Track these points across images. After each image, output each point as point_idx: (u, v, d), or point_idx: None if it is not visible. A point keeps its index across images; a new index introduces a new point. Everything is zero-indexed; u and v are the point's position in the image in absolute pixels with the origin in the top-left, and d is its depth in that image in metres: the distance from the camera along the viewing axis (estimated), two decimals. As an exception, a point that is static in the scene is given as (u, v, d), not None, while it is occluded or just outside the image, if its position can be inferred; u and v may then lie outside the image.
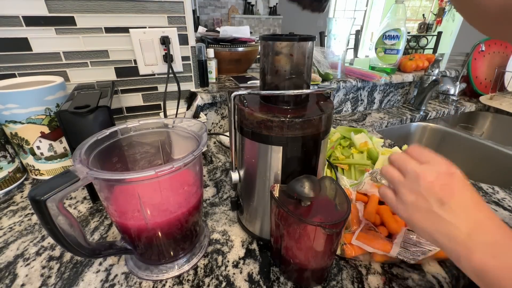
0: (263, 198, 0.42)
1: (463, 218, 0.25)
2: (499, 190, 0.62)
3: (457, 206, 0.26)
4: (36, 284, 0.38)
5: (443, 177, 0.27)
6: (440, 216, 0.26)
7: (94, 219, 0.50)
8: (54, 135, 0.58)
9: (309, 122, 0.35)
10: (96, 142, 0.36)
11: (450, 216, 0.26)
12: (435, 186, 0.26)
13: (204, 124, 0.40)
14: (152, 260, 0.41)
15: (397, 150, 0.68)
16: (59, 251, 0.44)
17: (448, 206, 0.26)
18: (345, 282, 0.39)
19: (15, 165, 0.58)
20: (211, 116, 0.85)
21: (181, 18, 0.72)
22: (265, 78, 0.38)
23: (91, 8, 0.63)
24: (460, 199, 0.26)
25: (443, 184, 0.26)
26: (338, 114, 1.09)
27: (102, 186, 0.33)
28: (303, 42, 0.34)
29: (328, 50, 1.06)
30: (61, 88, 0.58)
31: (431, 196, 0.26)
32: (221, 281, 0.39)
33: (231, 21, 4.57)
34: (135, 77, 0.74)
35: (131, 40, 0.69)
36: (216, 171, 0.67)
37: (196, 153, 0.33)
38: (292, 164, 0.38)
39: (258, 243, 0.46)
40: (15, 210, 0.52)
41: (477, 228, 0.25)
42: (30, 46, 0.62)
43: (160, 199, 0.36)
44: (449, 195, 0.26)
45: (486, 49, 1.23)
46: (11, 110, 0.52)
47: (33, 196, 0.27)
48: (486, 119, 1.21)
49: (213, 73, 0.93)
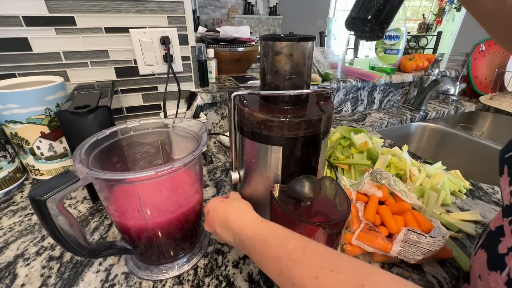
0: (263, 198, 0.42)
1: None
2: (499, 190, 0.62)
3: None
4: (36, 284, 0.38)
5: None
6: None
7: (94, 219, 0.50)
8: (54, 135, 0.58)
9: (309, 122, 0.35)
10: (96, 142, 0.36)
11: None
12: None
13: (204, 124, 0.40)
14: (152, 260, 0.41)
15: (397, 150, 0.68)
16: (59, 251, 0.44)
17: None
18: (345, 282, 0.39)
19: (15, 165, 0.58)
20: (211, 116, 0.85)
21: (181, 18, 0.72)
22: (265, 78, 0.38)
23: (91, 8, 0.63)
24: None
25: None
26: (338, 114, 1.09)
27: (102, 186, 0.33)
28: (303, 42, 0.34)
29: (328, 50, 1.06)
30: (61, 88, 0.58)
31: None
32: (221, 281, 0.39)
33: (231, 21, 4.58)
34: (135, 77, 0.74)
35: (131, 40, 0.69)
36: (216, 171, 0.67)
37: (196, 153, 0.33)
38: (292, 164, 0.38)
39: (258, 243, 0.46)
40: (15, 210, 0.52)
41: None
42: (30, 46, 0.62)
43: (160, 199, 0.36)
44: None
45: (486, 49, 1.23)
46: (11, 110, 0.52)
47: (33, 196, 0.27)
48: (486, 119, 1.21)
49: (213, 73, 0.93)
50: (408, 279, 0.40)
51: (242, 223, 0.33)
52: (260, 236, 0.30)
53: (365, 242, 0.41)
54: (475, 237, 0.48)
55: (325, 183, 0.39)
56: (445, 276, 0.41)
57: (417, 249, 0.39)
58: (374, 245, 0.40)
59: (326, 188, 0.38)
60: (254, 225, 0.32)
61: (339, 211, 0.34)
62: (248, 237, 0.31)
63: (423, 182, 0.58)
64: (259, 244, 0.29)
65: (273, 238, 0.28)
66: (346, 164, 0.64)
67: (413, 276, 0.40)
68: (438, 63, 1.06)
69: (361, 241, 0.41)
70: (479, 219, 0.51)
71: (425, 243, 0.39)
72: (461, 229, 0.49)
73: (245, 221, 0.33)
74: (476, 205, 0.56)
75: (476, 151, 0.95)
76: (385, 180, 0.52)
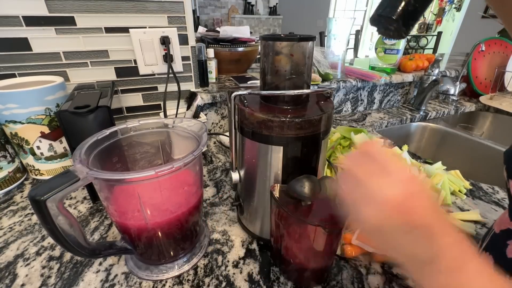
0: (263, 198, 0.42)
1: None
2: (499, 190, 0.62)
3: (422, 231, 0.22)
4: (36, 284, 0.38)
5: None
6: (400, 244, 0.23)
7: (94, 219, 0.50)
8: (54, 135, 0.58)
9: (309, 122, 0.35)
10: (96, 142, 0.36)
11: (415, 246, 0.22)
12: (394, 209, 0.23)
13: (204, 124, 0.40)
14: (152, 260, 0.41)
15: (397, 150, 0.68)
16: (59, 251, 0.43)
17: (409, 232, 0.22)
18: (345, 282, 0.39)
19: (15, 165, 0.58)
20: (211, 116, 0.85)
21: (181, 18, 0.72)
22: (265, 78, 0.38)
23: (91, 8, 0.63)
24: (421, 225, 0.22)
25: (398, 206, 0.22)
26: (338, 114, 1.09)
27: (102, 186, 0.33)
28: (303, 42, 0.34)
29: (328, 50, 1.06)
30: (61, 88, 0.58)
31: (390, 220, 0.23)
32: (221, 281, 0.39)
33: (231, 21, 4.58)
34: (135, 77, 0.74)
35: (131, 40, 0.69)
36: (216, 171, 0.67)
37: (196, 153, 0.33)
38: (292, 164, 0.38)
39: (258, 243, 0.46)
40: (15, 210, 0.52)
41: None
42: (30, 46, 0.62)
43: (160, 199, 0.36)
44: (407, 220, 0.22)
45: (486, 49, 1.23)
46: (11, 110, 0.52)
47: (33, 196, 0.27)
48: (486, 119, 1.21)
49: (213, 73, 0.93)
50: (408, 279, 0.40)
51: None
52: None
53: (365, 242, 0.41)
54: (475, 237, 0.48)
55: (325, 183, 0.39)
56: (445, 276, 0.41)
57: None
58: (374, 245, 0.41)
59: (326, 188, 0.38)
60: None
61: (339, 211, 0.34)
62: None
63: (423, 182, 0.58)
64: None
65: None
66: (346, 164, 0.64)
67: (413, 276, 0.40)
68: (438, 63, 1.06)
69: (361, 241, 0.41)
70: (479, 219, 0.51)
71: None
72: (461, 229, 0.49)
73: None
74: (476, 205, 0.56)
75: (476, 151, 0.95)
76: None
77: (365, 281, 0.40)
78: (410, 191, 0.23)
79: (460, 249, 0.21)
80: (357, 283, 0.39)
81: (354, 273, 0.41)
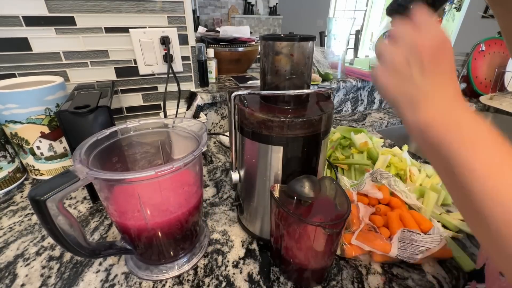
0: (263, 198, 0.42)
1: (436, 89, 0.24)
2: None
3: (437, 79, 0.25)
4: (36, 284, 0.38)
5: (435, 46, 0.25)
6: (415, 84, 0.25)
7: (94, 219, 0.50)
8: (54, 135, 0.58)
9: (309, 122, 0.35)
10: (96, 142, 0.36)
11: (425, 83, 0.25)
12: (425, 53, 0.25)
13: (204, 124, 0.40)
14: (152, 260, 0.41)
15: (397, 150, 0.68)
16: (59, 251, 0.43)
17: (428, 76, 0.25)
18: (345, 282, 0.39)
19: (15, 165, 0.58)
20: (211, 116, 0.85)
21: (181, 18, 0.72)
22: (265, 78, 0.38)
23: (91, 8, 0.63)
24: (442, 73, 0.25)
25: (432, 53, 0.24)
26: (338, 114, 1.09)
27: (102, 186, 0.33)
28: (303, 42, 0.34)
29: (328, 50, 1.06)
30: (61, 88, 0.58)
31: (416, 62, 0.25)
32: (221, 281, 0.39)
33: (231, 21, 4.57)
34: (135, 77, 0.74)
35: (131, 40, 0.69)
36: (216, 171, 0.66)
37: (196, 153, 0.33)
38: (292, 164, 0.38)
39: (258, 243, 0.46)
40: (15, 210, 0.52)
41: (441, 90, 0.24)
42: (30, 46, 0.62)
43: (160, 199, 0.36)
44: (434, 67, 0.24)
45: (486, 49, 1.23)
46: (11, 110, 0.52)
47: (33, 196, 0.27)
48: (486, 119, 1.21)
49: (213, 73, 0.93)
50: (408, 279, 0.40)
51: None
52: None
53: (365, 242, 0.41)
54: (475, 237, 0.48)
55: (325, 183, 0.39)
56: (445, 276, 0.41)
57: (414, 247, 0.39)
58: (373, 245, 0.41)
59: (326, 188, 0.38)
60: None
61: (339, 211, 0.34)
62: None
63: (423, 182, 0.58)
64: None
65: None
66: (346, 164, 0.64)
67: (413, 276, 0.40)
68: (438, 63, 1.06)
69: (361, 241, 0.41)
70: (479, 219, 0.51)
71: (421, 241, 0.39)
72: (461, 229, 0.49)
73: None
74: (476, 205, 0.56)
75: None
76: (385, 181, 0.52)
77: (365, 281, 0.40)
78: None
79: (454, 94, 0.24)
80: (357, 283, 0.39)
81: (354, 273, 0.41)
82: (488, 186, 0.20)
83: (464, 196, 0.22)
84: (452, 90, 0.24)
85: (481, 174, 0.21)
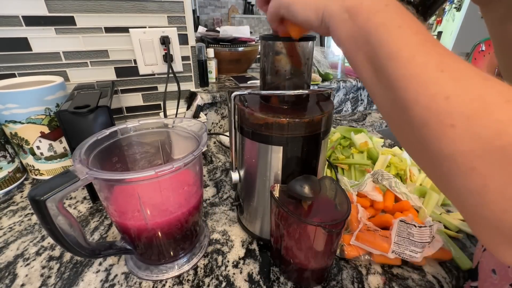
0: (263, 198, 0.42)
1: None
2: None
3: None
4: (36, 284, 0.38)
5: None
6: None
7: (94, 219, 0.50)
8: (54, 135, 0.58)
9: (309, 122, 0.35)
10: (96, 142, 0.36)
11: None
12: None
13: (204, 124, 0.40)
14: (152, 260, 0.41)
15: (397, 150, 0.68)
16: (59, 251, 0.43)
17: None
18: (345, 282, 0.39)
19: (15, 165, 0.58)
20: (211, 116, 0.85)
21: (181, 18, 0.72)
22: (265, 78, 0.38)
23: (91, 8, 0.63)
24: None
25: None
26: (338, 114, 1.09)
27: (102, 186, 0.33)
28: (303, 42, 0.34)
29: (328, 50, 1.06)
30: (61, 88, 0.58)
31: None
32: (221, 281, 0.39)
33: (231, 21, 4.57)
34: (135, 77, 0.74)
35: (131, 40, 0.69)
36: (216, 171, 0.66)
37: (196, 153, 0.33)
38: (292, 164, 0.38)
39: (258, 243, 0.46)
40: (15, 210, 0.52)
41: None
42: (30, 46, 0.62)
43: (160, 199, 0.36)
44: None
45: (486, 49, 1.23)
46: (11, 110, 0.52)
47: (33, 196, 0.27)
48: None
49: (213, 73, 0.93)
50: (408, 279, 0.40)
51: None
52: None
53: (364, 243, 0.41)
54: (475, 237, 0.48)
55: (325, 183, 0.39)
56: (445, 276, 0.41)
57: (410, 242, 0.39)
58: (373, 246, 0.41)
59: (326, 188, 0.38)
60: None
61: (339, 211, 0.34)
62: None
63: (423, 182, 0.58)
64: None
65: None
66: (346, 164, 0.64)
67: (413, 276, 0.40)
68: (438, 63, 1.06)
69: (360, 241, 0.41)
70: (479, 219, 0.51)
71: (416, 234, 0.39)
72: (461, 229, 0.49)
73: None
74: (476, 205, 0.56)
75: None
76: (386, 182, 0.52)
77: (365, 281, 0.40)
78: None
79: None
80: (357, 283, 0.39)
81: (354, 273, 0.41)
82: (412, 69, 0.19)
83: (392, 91, 0.21)
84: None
85: (405, 58, 0.19)
